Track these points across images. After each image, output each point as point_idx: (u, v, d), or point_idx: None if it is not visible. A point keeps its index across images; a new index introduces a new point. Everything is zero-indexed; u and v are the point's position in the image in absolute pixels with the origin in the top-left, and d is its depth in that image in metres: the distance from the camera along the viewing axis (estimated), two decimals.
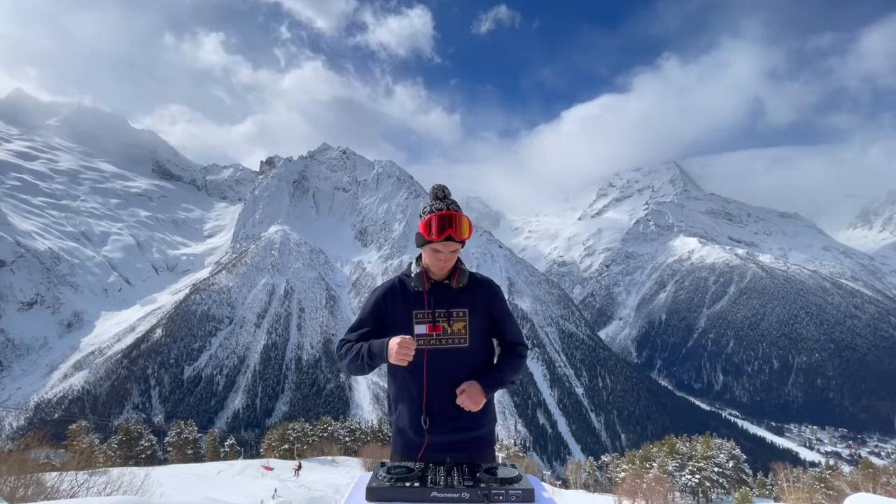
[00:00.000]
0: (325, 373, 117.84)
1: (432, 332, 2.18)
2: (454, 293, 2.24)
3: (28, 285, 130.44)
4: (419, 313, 2.20)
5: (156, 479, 13.01)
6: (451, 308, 2.21)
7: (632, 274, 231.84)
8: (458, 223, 2.10)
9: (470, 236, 2.15)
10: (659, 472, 25.78)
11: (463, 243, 2.17)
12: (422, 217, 2.17)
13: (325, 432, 36.08)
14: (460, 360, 2.21)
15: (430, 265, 2.22)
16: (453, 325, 2.21)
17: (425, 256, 2.22)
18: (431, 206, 2.16)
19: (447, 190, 2.24)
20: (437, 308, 2.21)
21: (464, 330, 2.21)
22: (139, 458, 29.85)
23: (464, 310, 2.22)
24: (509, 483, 1.77)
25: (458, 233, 2.10)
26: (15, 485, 7.82)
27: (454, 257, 2.19)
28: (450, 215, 2.10)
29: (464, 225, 2.12)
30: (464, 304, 2.23)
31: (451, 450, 2.13)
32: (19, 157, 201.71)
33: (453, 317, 2.21)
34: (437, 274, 2.23)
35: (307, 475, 23.01)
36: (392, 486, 1.74)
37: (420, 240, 2.18)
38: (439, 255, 2.15)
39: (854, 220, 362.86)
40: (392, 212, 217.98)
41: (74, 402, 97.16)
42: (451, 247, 2.12)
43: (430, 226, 2.10)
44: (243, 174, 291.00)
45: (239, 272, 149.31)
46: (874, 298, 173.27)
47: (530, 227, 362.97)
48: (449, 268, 2.22)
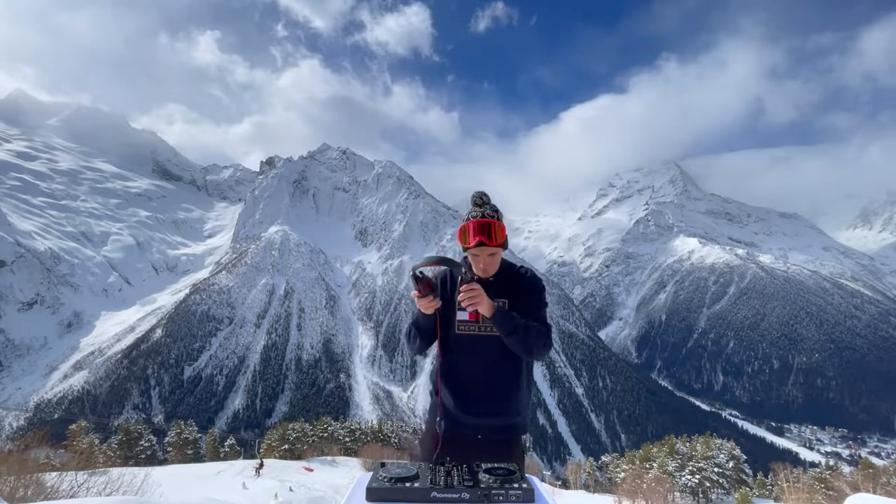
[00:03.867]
0: (325, 373, 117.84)
1: (473, 319, 2.33)
2: (496, 285, 2.34)
3: (28, 285, 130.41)
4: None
5: (156, 480, 13.02)
6: (495, 299, 2.28)
7: (632, 274, 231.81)
8: (491, 229, 2.19)
9: (503, 241, 2.25)
10: (659, 473, 25.77)
11: (504, 246, 2.28)
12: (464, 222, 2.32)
13: (325, 432, 36.06)
14: (497, 347, 2.31)
15: (473, 267, 2.35)
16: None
17: (470, 259, 2.35)
18: (470, 214, 2.28)
19: (486, 196, 2.32)
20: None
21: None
22: (139, 459, 29.82)
23: (503, 300, 2.32)
24: (509, 483, 1.77)
25: (491, 238, 2.19)
26: (15, 485, 7.82)
27: (493, 261, 2.30)
28: (482, 223, 2.20)
29: (497, 231, 2.20)
30: (504, 294, 2.34)
31: (482, 431, 2.30)
32: (19, 157, 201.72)
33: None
34: (482, 277, 2.36)
35: (307, 475, 22.92)
36: (392, 486, 1.75)
37: (462, 247, 2.32)
38: (477, 259, 2.29)
39: (854, 220, 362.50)
40: (392, 212, 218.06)
41: (74, 403, 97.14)
42: (486, 251, 2.24)
43: (464, 233, 2.24)
44: (243, 174, 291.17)
45: (239, 272, 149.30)
46: (874, 299, 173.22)
47: (530, 227, 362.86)
48: (491, 272, 2.33)
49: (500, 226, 2.24)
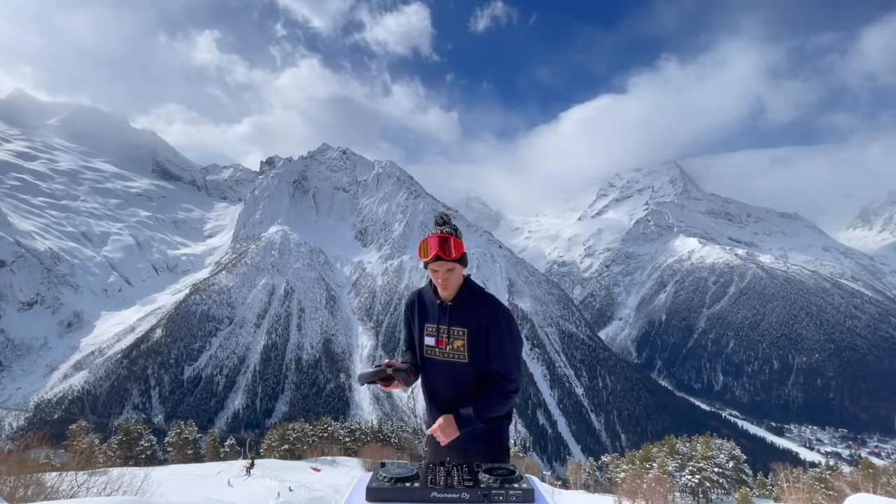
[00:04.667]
0: (325, 373, 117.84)
1: (438, 345, 2.43)
2: (458, 311, 2.40)
3: (28, 285, 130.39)
4: (429, 326, 2.46)
5: (156, 479, 13.01)
6: (453, 326, 2.39)
7: (632, 274, 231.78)
8: (446, 244, 2.26)
9: (460, 255, 2.31)
10: (659, 473, 25.76)
11: (461, 262, 2.34)
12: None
13: (324, 432, 36.04)
14: (461, 374, 2.41)
15: (434, 281, 2.42)
16: (454, 342, 2.40)
17: (430, 275, 2.43)
18: (431, 231, 2.38)
19: (447, 217, 2.39)
20: (441, 324, 2.42)
21: (462, 348, 2.39)
22: (139, 459, 29.83)
23: (463, 329, 2.38)
24: (509, 483, 1.78)
25: (448, 253, 2.26)
26: (15, 485, 7.81)
27: (452, 276, 2.35)
28: (440, 237, 2.27)
29: (450, 245, 2.27)
30: (465, 323, 2.38)
31: (456, 448, 2.36)
32: (19, 157, 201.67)
33: (454, 334, 2.39)
34: (443, 294, 2.42)
35: (307, 476, 22.90)
36: (392, 486, 1.75)
37: (423, 264, 2.41)
38: (436, 274, 2.34)
39: (854, 221, 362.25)
40: (392, 212, 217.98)
41: (74, 403, 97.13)
42: (444, 266, 2.30)
43: (422, 248, 2.32)
44: (243, 174, 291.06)
45: (239, 272, 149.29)
46: (874, 299, 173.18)
47: (530, 227, 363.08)
48: (451, 286, 2.39)
49: (458, 242, 2.31)
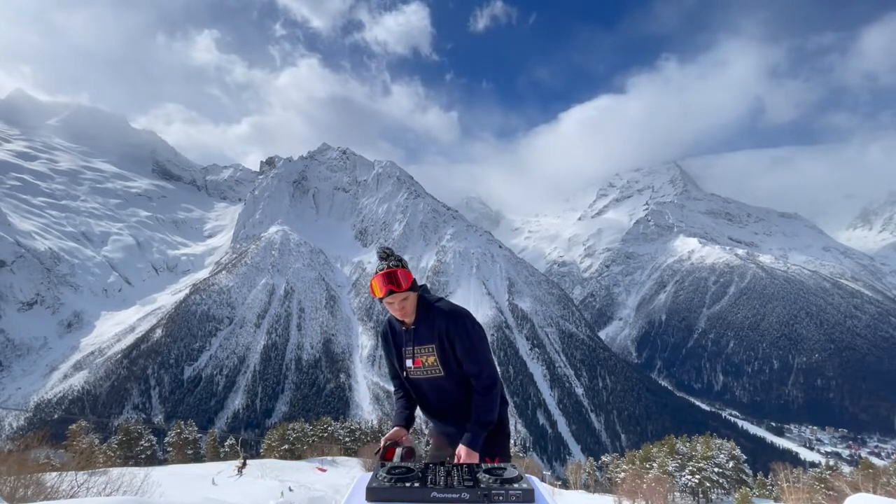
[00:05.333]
0: (325, 373, 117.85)
1: (418, 366, 2.57)
2: (420, 330, 2.54)
3: (28, 285, 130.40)
4: (406, 350, 2.59)
5: (156, 479, 13.00)
6: (422, 345, 2.53)
7: (632, 274, 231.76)
8: (397, 278, 2.38)
9: (410, 284, 2.44)
10: (659, 473, 25.76)
11: (413, 289, 2.46)
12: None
13: (325, 432, 36.05)
14: (443, 385, 2.57)
15: (392, 313, 2.55)
16: (427, 358, 2.54)
17: (387, 307, 2.53)
18: (376, 268, 2.47)
19: (389, 250, 2.53)
20: (412, 345, 2.56)
21: (436, 362, 2.52)
22: (139, 459, 29.83)
23: (430, 345, 2.52)
24: (509, 483, 1.78)
25: (398, 285, 2.38)
26: (15, 485, 7.82)
27: (408, 304, 2.47)
28: (386, 274, 2.39)
29: (398, 277, 2.39)
30: (429, 339, 2.52)
31: (459, 430, 2.52)
32: (19, 157, 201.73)
33: (425, 352, 2.53)
34: (405, 320, 2.55)
35: (307, 475, 22.89)
36: (392, 486, 1.75)
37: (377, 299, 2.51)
38: (392, 306, 2.47)
39: (854, 221, 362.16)
40: (392, 212, 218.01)
41: (74, 402, 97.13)
42: (398, 297, 2.42)
43: (373, 286, 2.44)
44: (243, 174, 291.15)
45: (239, 272, 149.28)
46: (874, 299, 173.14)
47: (530, 227, 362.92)
48: (409, 312, 2.50)
49: (405, 272, 2.42)
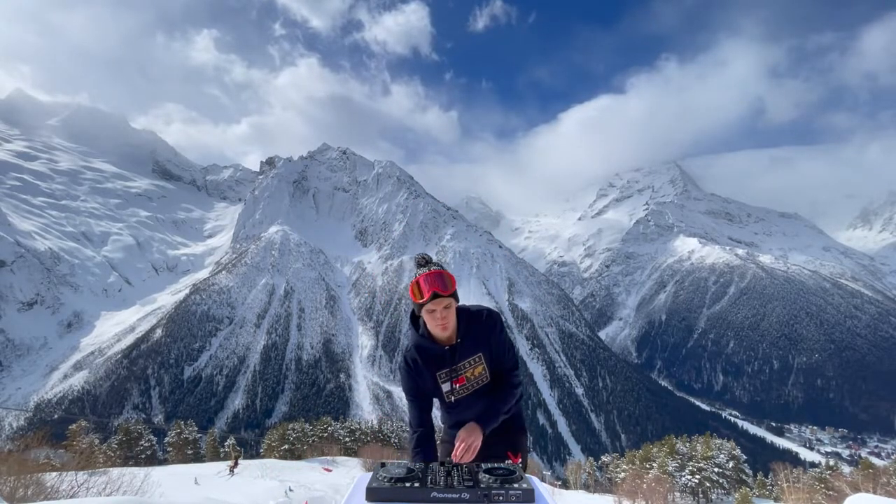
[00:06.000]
0: (324, 373, 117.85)
1: (458, 384, 2.44)
2: (468, 343, 2.39)
3: (28, 285, 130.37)
4: (442, 373, 2.42)
5: (156, 479, 13.01)
6: (468, 357, 2.39)
7: (632, 274, 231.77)
8: (441, 280, 2.22)
9: (455, 289, 2.28)
10: (659, 473, 25.76)
11: (454, 297, 2.28)
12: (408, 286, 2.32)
13: (324, 432, 36.07)
14: (484, 393, 2.48)
15: (432, 329, 2.31)
16: (474, 370, 2.42)
17: (426, 321, 2.31)
18: (416, 273, 2.30)
19: (428, 256, 2.39)
20: (458, 362, 2.40)
21: (483, 370, 2.45)
22: (139, 459, 29.85)
23: (478, 355, 2.41)
24: (509, 483, 1.77)
25: (443, 287, 2.21)
26: (15, 485, 7.82)
27: (450, 314, 2.28)
28: (431, 274, 2.23)
29: (446, 280, 2.23)
30: (476, 348, 2.41)
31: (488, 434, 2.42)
32: (19, 157, 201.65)
33: (471, 365, 2.41)
34: (442, 336, 2.34)
35: (307, 475, 22.89)
36: (392, 486, 1.74)
37: (416, 308, 2.31)
38: (434, 314, 2.24)
39: (854, 221, 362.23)
40: (392, 212, 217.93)
41: (74, 403, 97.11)
42: (441, 303, 2.22)
43: (415, 289, 2.25)
44: (243, 174, 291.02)
45: (239, 272, 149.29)
46: (874, 299, 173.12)
47: (530, 227, 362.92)
48: (451, 327, 2.32)
49: (451, 276, 2.27)
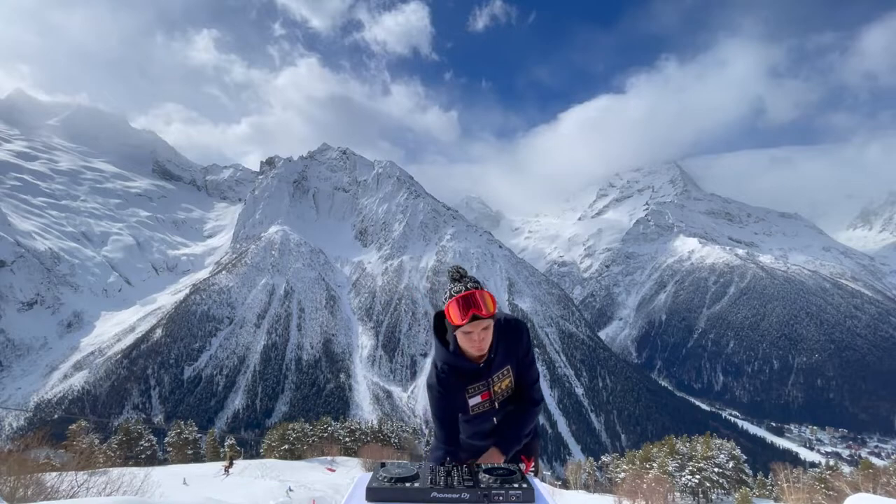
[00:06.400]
0: (324, 373, 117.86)
1: (485, 399, 2.40)
2: (499, 357, 2.36)
3: (28, 285, 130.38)
4: (471, 388, 2.36)
5: (156, 479, 13.02)
6: (497, 371, 2.36)
7: (632, 274, 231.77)
8: (479, 300, 2.08)
9: (495, 310, 2.15)
10: (659, 473, 25.77)
11: (493, 317, 2.16)
12: (444, 303, 2.18)
13: (325, 432, 36.07)
14: (506, 404, 2.48)
15: (467, 349, 2.21)
16: (502, 384, 2.39)
17: (460, 340, 2.19)
18: (451, 290, 2.15)
19: (463, 269, 2.26)
20: (485, 378, 2.36)
21: (510, 384, 2.44)
22: (139, 459, 29.86)
23: (507, 367, 2.39)
24: (509, 483, 1.76)
25: (482, 309, 2.07)
26: (15, 485, 7.82)
27: (487, 335, 2.17)
28: (469, 295, 2.08)
29: (486, 300, 2.09)
30: (506, 361, 2.38)
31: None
32: (19, 157, 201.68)
33: (500, 378, 2.38)
34: (477, 354, 2.24)
35: (307, 475, 22.88)
36: (392, 486, 1.73)
37: (451, 327, 2.20)
38: (470, 336, 2.13)
39: (854, 221, 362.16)
40: (392, 212, 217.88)
41: (74, 402, 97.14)
42: (480, 325, 2.10)
43: (452, 311, 2.11)
44: (243, 174, 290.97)
45: (239, 272, 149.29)
46: (874, 299, 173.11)
47: (530, 227, 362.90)
48: (485, 347, 2.22)
49: (490, 295, 2.13)
